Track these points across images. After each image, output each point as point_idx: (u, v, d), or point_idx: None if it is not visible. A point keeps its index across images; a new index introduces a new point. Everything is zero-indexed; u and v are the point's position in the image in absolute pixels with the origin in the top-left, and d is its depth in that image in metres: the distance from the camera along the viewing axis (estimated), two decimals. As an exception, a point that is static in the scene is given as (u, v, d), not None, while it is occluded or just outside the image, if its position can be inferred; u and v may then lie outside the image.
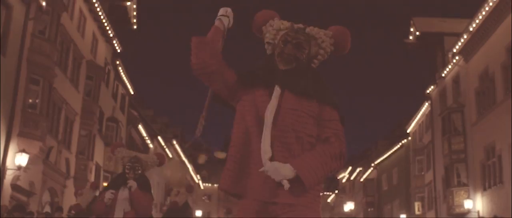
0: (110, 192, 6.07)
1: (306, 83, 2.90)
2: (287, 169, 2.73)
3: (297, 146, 2.82)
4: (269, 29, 3.08)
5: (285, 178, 2.72)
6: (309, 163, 2.75)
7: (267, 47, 3.10)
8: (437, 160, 29.42)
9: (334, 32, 3.07)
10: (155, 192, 36.63)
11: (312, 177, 2.74)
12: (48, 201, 20.87)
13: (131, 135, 32.60)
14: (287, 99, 2.87)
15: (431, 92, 31.32)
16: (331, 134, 2.87)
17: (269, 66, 2.98)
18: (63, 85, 21.14)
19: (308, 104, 2.88)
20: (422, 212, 33.54)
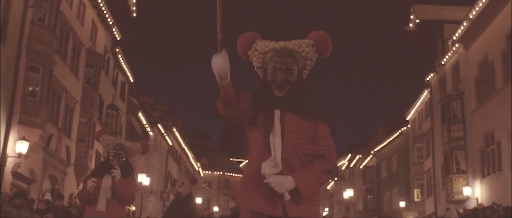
0: (91, 180, 6.12)
1: (302, 104, 3.17)
2: (288, 181, 3.05)
3: (298, 163, 3.15)
4: (255, 54, 3.24)
5: (287, 190, 3.04)
6: (307, 177, 3.09)
7: (258, 71, 3.27)
8: (437, 147, 29.50)
9: (314, 40, 3.22)
10: (155, 179, 36.86)
11: (309, 189, 3.09)
12: (49, 188, 20.95)
13: (131, 123, 32.66)
14: (288, 122, 3.15)
15: (430, 79, 31.33)
16: (325, 151, 3.19)
17: (265, 91, 3.20)
18: (63, 73, 21.15)
19: (305, 124, 3.17)
20: (421, 199, 33.68)
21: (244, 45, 3.28)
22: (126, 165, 6.32)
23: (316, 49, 3.23)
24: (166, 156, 42.73)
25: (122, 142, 6.51)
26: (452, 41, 27.18)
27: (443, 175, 27.91)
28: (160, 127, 39.26)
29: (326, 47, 3.25)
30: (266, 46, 3.21)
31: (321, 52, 3.25)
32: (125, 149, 6.34)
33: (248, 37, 3.28)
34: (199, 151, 63.89)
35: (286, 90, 3.17)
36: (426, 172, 32.64)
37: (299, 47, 3.20)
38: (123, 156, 6.27)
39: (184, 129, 54.06)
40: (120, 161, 6.25)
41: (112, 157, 6.25)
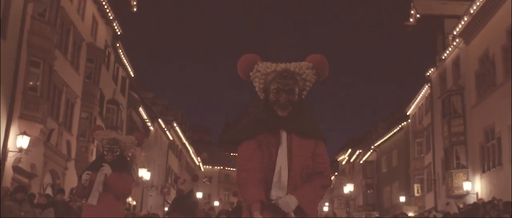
0: (86, 173, 6.18)
1: (305, 125, 3.35)
2: (293, 201, 3.21)
3: (300, 183, 3.30)
4: (257, 75, 3.37)
5: (292, 210, 3.21)
6: (308, 194, 3.27)
7: (260, 92, 3.42)
8: (437, 142, 29.52)
9: (314, 63, 3.38)
10: (156, 174, 36.90)
11: (310, 206, 3.28)
12: (50, 183, 20.99)
13: (132, 117, 32.69)
14: (294, 145, 3.31)
15: (431, 74, 31.32)
16: (323, 168, 3.38)
17: (268, 111, 3.35)
18: (63, 67, 21.16)
19: (308, 144, 3.35)
20: (421, 194, 33.72)
21: (245, 67, 3.39)
22: (120, 159, 6.34)
23: (315, 72, 3.38)
24: (167, 151, 42.77)
25: (116, 136, 6.50)
26: (453, 36, 27.16)
27: (443, 170, 27.95)
28: (160, 121, 39.28)
29: (324, 69, 3.41)
30: (268, 68, 3.34)
31: (319, 75, 3.41)
32: (119, 143, 6.35)
33: (249, 59, 3.39)
34: (199, 145, 63.95)
35: (288, 111, 3.31)
36: (426, 167, 32.67)
37: (299, 69, 3.35)
38: (117, 150, 6.28)
39: (185, 123, 54.08)
40: (114, 155, 6.26)
41: (106, 152, 6.28)
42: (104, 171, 6.12)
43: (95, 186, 6.16)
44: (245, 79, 3.44)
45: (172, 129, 43.50)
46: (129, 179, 6.36)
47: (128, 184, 6.34)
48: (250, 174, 3.26)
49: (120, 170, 6.25)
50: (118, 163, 6.27)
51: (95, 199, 6.12)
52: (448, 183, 26.17)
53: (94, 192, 6.15)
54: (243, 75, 3.43)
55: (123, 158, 6.42)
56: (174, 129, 44.29)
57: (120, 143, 6.37)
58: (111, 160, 6.24)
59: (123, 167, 6.34)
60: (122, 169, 6.30)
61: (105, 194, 6.16)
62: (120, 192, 6.29)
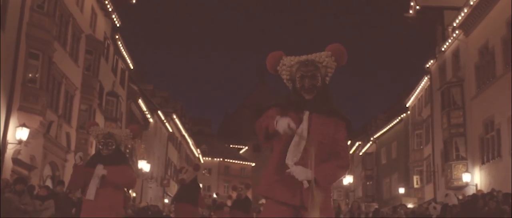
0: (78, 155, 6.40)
1: (327, 105, 3.75)
2: (308, 172, 3.52)
3: (318, 156, 3.57)
4: (283, 68, 3.84)
5: (306, 179, 3.50)
6: (324, 170, 3.60)
7: (288, 83, 3.87)
8: (436, 134, 29.56)
9: (332, 52, 3.81)
10: (155, 165, 36.94)
11: (325, 180, 3.60)
12: (49, 175, 21.02)
13: (131, 110, 32.69)
14: (315, 121, 3.70)
15: (430, 66, 31.32)
16: (341, 149, 3.74)
17: (296, 96, 3.79)
18: (62, 59, 21.13)
19: (328, 123, 3.73)
20: (420, 185, 33.80)
21: (272, 62, 3.86)
22: (117, 153, 6.39)
23: (334, 59, 3.80)
24: (166, 143, 42.81)
25: (111, 131, 6.56)
26: (452, 28, 27.14)
27: (442, 161, 27.99)
28: (160, 113, 39.28)
29: (342, 56, 3.82)
30: (291, 61, 3.80)
31: (338, 61, 3.82)
32: (114, 137, 6.40)
33: (275, 55, 3.87)
34: (199, 137, 63.96)
35: (313, 94, 3.75)
36: (426, 158, 32.73)
37: (319, 58, 3.78)
38: (112, 144, 6.33)
39: (184, 115, 54.07)
40: (109, 150, 6.31)
41: (101, 147, 6.34)
42: (99, 173, 6.16)
43: (92, 181, 6.19)
44: (273, 74, 3.88)
45: (171, 121, 43.52)
46: (128, 170, 6.41)
47: (129, 175, 6.39)
48: (271, 120, 3.60)
49: (117, 163, 6.29)
50: (114, 157, 6.31)
51: (93, 194, 6.16)
52: (447, 175, 26.23)
53: (92, 187, 6.19)
54: (271, 70, 3.88)
55: (119, 151, 6.47)
56: (173, 121, 44.31)
57: (115, 137, 6.42)
58: (107, 154, 6.29)
59: (120, 160, 6.38)
60: (118, 162, 6.33)
61: (102, 189, 6.19)
62: (123, 184, 6.40)
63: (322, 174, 3.57)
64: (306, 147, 3.60)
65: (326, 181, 3.60)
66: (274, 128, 3.50)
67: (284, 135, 3.55)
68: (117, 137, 6.44)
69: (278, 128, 3.48)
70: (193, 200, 10.36)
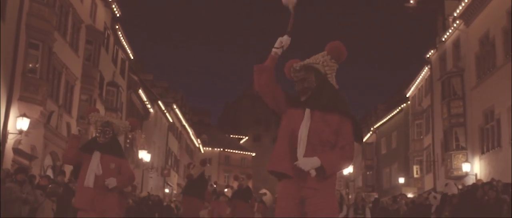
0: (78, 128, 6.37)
1: (324, 101, 4.02)
2: (315, 160, 3.84)
3: (320, 147, 3.96)
4: (291, 75, 4.25)
5: (313, 168, 3.81)
6: (330, 158, 3.90)
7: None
8: (436, 124, 29.59)
9: (328, 50, 4.16)
10: (156, 155, 37.01)
11: (331, 168, 3.89)
12: (50, 164, 21.08)
13: (132, 100, 32.71)
14: (315, 117, 4.01)
15: (431, 56, 31.29)
16: (346, 143, 3.99)
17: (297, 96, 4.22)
18: (62, 50, 21.12)
19: (330, 119, 4.00)
20: (420, 175, 33.87)
21: (286, 71, 4.30)
22: (113, 141, 6.39)
23: (331, 57, 4.14)
24: (167, 133, 42.86)
25: (110, 120, 6.54)
26: (453, 18, 27.08)
27: (442, 151, 28.04)
28: (160, 103, 39.30)
29: (338, 54, 4.15)
30: (291, 67, 4.20)
31: (336, 58, 4.16)
32: (112, 126, 6.39)
33: (288, 64, 4.27)
34: (199, 127, 64.03)
35: (307, 95, 4.11)
36: (426, 148, 32.78)
37: (315, 60, 4.13)
38: (109, 133, 6.32)
39: (184, 105, 54.10)
40: (106, 138, 6.30)
41: (98, 134, 6.31)
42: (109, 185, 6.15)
43: (90, 168, 6.17)
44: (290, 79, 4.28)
45: (172, 111, 43.55)
46: (125, 162, 6.42)
47: (127, 166, 6.42)
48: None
49: (111, 153, 6.28)
50: (109, 146, 6.30)
51: (92, 182, 6.14)
52: (447, 165, 26.28)
53: (90, 174, 6.16)
54: (288, 76, 4.29)
55: (116, 141, 6.46)
56: (174, 111, 44.33)
57: (114, 126, 6.41)
58: (103, 142, 6.28)
59: (115, 150, 6.36)
60: (115, 152, 6.33)
61: (99, 177, 6.17)
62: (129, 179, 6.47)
63: (327, 161, 3.86)
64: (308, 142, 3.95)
65: (332, 168, 3.89)
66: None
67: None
68: (115, 127, 6.43)
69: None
70: (199, 194, 10.77)
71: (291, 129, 4.06)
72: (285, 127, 4.12)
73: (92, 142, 6.49)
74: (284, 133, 4.12)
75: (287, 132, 4.09)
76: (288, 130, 4.08)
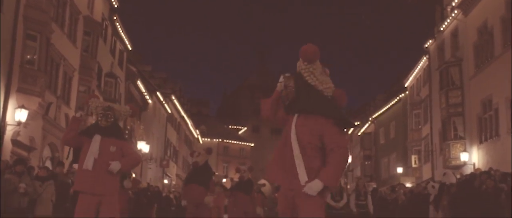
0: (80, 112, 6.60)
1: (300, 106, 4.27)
2: (317, 183, 4.07)
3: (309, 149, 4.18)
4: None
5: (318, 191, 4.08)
6: (327, 173, 4.10)
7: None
8: (434, 113, 29.62)
9: (300, 55, 4.39)
10: (155, 146, 37.03)
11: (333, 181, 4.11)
12: (49, 156, 21.09)
13: (130, 91, 32.68)
14: (298, 121, 4.27)
15: (429, 46, 31.28)
16: (334, 146, 4.13)
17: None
18: (60, 41, 21.08)
19: (312, 122, 4.19)
20: (418, 165, 33.96)
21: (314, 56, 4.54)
22: (114, 126, 6.39)
23: (303, 60, 4.37)
24: (165, 124, 42.87)
25: (111, 104, 6.56)
26: (451, 7, 27.05)
27: (440, 141, 28.09)
28: (159, 94, 39.28)
29: (308, 56, 4.35)
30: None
31: (308, 60, 4.36)
32: (113, 110, 6.40)
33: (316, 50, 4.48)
34: (198, 118, 64.01)
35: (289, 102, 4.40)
36: (424, 138, 32.84)
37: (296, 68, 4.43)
38: (111, 117, 6.33)
39: (183, 96, 54.06)
40: (108, 121, 6.30)
41: (100, 118, 6.31)
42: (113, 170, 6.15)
43: (90, 151, 6.17)
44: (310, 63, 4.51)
45: (170, 102, 43.53)
46: (127, 145, 6.45)
47: (132, 148, 6.45)
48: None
49: (114, 136, 6.29)
50: (111, 129, 6.30)
51: (91, 164, 6.14)
52: (445, 154, 26.33)
53: (89, 157, 6.15)
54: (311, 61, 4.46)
55: (117, 125, 6.47)
56: (172, 101, 44.31)
57: (115, 111, 6.41)
58: (105, 125, 6.28)
59: (117, 133, 6.38)
60: (117, 135, 6.34)
61: (100, 159, 6.18)
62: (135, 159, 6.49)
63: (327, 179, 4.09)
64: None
65: (333, 181, 4.12)
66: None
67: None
68: (116, 112, 6.44)
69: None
70: (204, 182, 10.71)
71: (284, 136, 4.37)
72: (282, 135, 4.43)
73: (93, 126, 6.49)
74: (281, 140, 4.40)
75: (282, 139, 4.38)
76: (283, 137, 4.38)
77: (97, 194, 6.10)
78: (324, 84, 4.35)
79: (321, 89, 4.32)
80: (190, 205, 10.84)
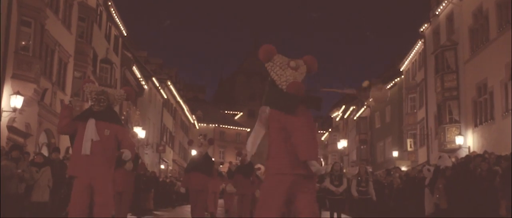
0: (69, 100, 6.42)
1: (263, 103, 4.79)
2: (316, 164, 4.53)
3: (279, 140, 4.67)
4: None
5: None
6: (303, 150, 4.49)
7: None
8: (430, 97, 29.69)
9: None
10: (151, 132, 37.06)
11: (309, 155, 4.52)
12: (45, 142, 21.10)
13: (126, 76, 32.62)
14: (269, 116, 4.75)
15: (424, 30, 31.27)
16: (291, 133, 4.53)
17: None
18: (55, 27, 20.99)
19: (274, 113, 4.67)
20: (414, 148, 34.07)
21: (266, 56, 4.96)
22: (109, 110, 6.38)
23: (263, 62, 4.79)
24: (161, 109, 42.86)
25: (105, 89, 6.56)
26: (447, -9, 27.00)
27: (436, 124, 28.18)
28: (154, 80, 39.22)
29: (261, 57, 4.76)
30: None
31: (264, 61, 4.76)
32: (107, 95, 6.38)
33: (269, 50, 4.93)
34: (194, 103, 64.00)
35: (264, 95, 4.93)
36: (419, 122, 32.93)
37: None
38: (104, 101, 6.31)
39: (179, 82, 54.00)
40: (101, 106, 6.28)
41: (93, 103, 6.29)
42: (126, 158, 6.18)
43: (86, 135, 6.15)
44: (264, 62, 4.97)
45: (166, 88, 43.48)
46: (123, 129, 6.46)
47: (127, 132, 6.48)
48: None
49: (107, 120, 6.28)
50: (105, 114, 6.28)
51: (88, 149, 6.13)
52: (440, 138, 26.44)
53: (86, 142, 6.14)
54: (264, 60, 4.88)
55: (111, 109, 6.44)
56: (168, 87, 44.26)
57: (109, 95, 6.38)
58: (98, 110, 6.26)
59: (110, 117, 6.35)
60: (109, 119, 6.32)
61: (96, 144, 6.17)
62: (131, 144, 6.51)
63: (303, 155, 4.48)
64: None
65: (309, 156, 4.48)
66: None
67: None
68: (110, 96, 6.40)
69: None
70: (206, 170, 11.13)
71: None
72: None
73: (87, 110, 6.47)
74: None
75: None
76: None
77: (90, 176, 6.11)
78: (282, 78, 4.69)
79: (279, 83, 4.68)
80: (192, 192, 11.16)
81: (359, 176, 13.11)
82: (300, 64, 4.73)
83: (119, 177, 11.07)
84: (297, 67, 4.69)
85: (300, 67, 4.71)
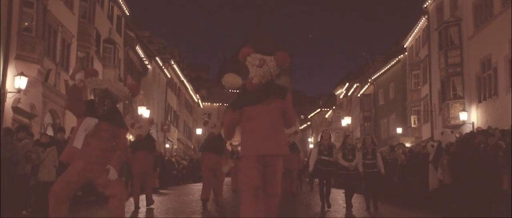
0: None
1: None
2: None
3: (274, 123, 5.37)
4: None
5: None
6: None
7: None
8: (433, 74, 29.64)
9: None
10: (155, 111, 37.15)
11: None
12: (50, 122, 21.20)
13: (129, 56, 32.62)
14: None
15: (428, 6, 31.10)
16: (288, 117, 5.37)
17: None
18: (57, 7, 20.96)
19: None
20: (417, 125, 34.13)
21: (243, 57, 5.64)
22: (112, 111, 6.16)
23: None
24: (165, 89, 42.90)
25: (109, 88, 6.17)
26: (450, -34, 26.79)
27: (439, 101, 28.18)
28: (158, 60, 39.20)
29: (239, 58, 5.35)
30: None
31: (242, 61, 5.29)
32: (111, 95, 6.12)
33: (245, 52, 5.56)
34: (197, 82, 64.01)
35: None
36: (423, 98, 32.92)
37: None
38: (107, 104, 6.06)
39: (182, 61, 53.96)
40: (104, 109, 6.04)
41: (96, 104, 6.04)
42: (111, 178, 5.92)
43: (80, 129, 5.94)
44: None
45: (170, 67, 43.47)
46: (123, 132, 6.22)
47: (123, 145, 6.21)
48: None
49: (111, 121, 6.07)
50: (108, 116, 6.06)
51: (80, 143, 5.92)
52: (444, 114, 26.45)
53: (80, 135, 5.94)
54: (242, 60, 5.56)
55: (115, 109, 6.19)
56: (172, 66, 44.25)
57: (113, 96, 6.13)
58: (102, 113, 6.02)
59: (114, 119, 6.15)
60: (112, 120, 6.11)
61: (91, 141, 5.95)
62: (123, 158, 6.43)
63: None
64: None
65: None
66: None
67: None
68: (114, 96, 6.16)
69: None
70: (218, 150, 11.62)
71: None
72: None
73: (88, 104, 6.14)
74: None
75: None
76: None
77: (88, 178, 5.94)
78: (250, 75, 5.14)
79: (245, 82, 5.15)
80: (207, 171, 11.67)
81: (365, 149, 11.73)
82: (268, 60, 5.09)
83: (140, 158, 11.81)
84: (262, 64, 5.08)
85: (266, 63, 5.07)
